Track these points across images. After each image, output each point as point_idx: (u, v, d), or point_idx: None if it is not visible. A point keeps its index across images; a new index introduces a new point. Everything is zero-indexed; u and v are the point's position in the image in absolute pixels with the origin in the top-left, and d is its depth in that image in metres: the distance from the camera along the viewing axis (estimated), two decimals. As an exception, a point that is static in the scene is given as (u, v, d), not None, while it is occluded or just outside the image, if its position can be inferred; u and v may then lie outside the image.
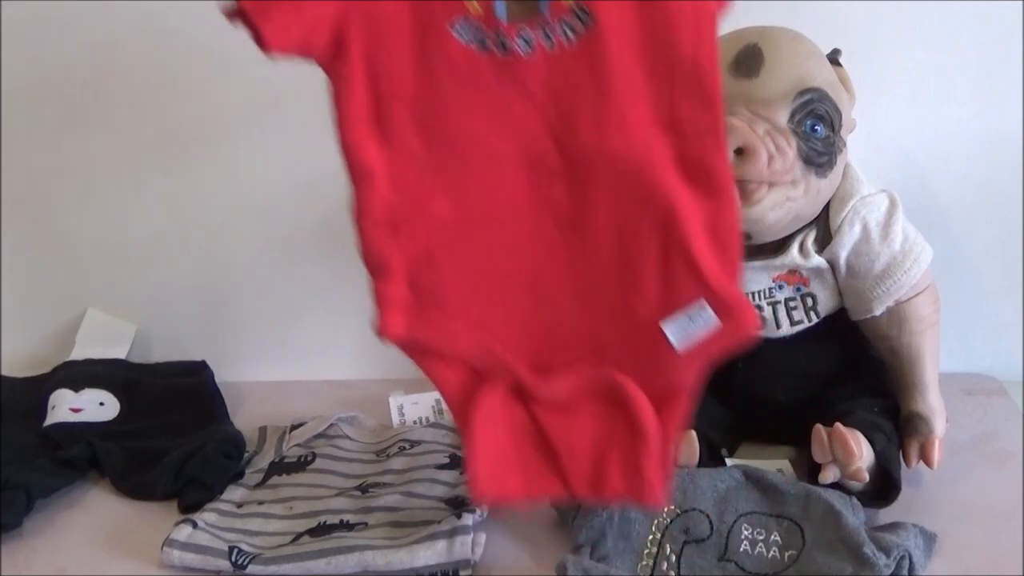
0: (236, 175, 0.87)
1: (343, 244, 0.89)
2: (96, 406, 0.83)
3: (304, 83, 0.83)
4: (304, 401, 0.87)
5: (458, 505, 0.67)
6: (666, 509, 0.64)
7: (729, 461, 0.70)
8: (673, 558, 0.61)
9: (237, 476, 0.74)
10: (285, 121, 0.84)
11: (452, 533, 0.63)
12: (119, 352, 0.90)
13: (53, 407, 0.82)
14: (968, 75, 0.78)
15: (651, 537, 0.63)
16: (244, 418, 0.84)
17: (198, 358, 0.88)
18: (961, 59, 0.77)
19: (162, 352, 0.92)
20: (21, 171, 0.87)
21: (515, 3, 0.52)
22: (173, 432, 0.79)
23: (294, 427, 0.80)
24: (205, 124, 0.85)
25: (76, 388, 0.83)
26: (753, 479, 0.66)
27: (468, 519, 0.64)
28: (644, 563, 0.61)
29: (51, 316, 0.93)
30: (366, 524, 0.67)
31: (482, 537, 0.64)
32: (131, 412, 0.83)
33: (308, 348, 0.93)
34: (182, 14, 0.80)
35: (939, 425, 0.68)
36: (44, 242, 0.90)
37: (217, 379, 0.87)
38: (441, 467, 0.73)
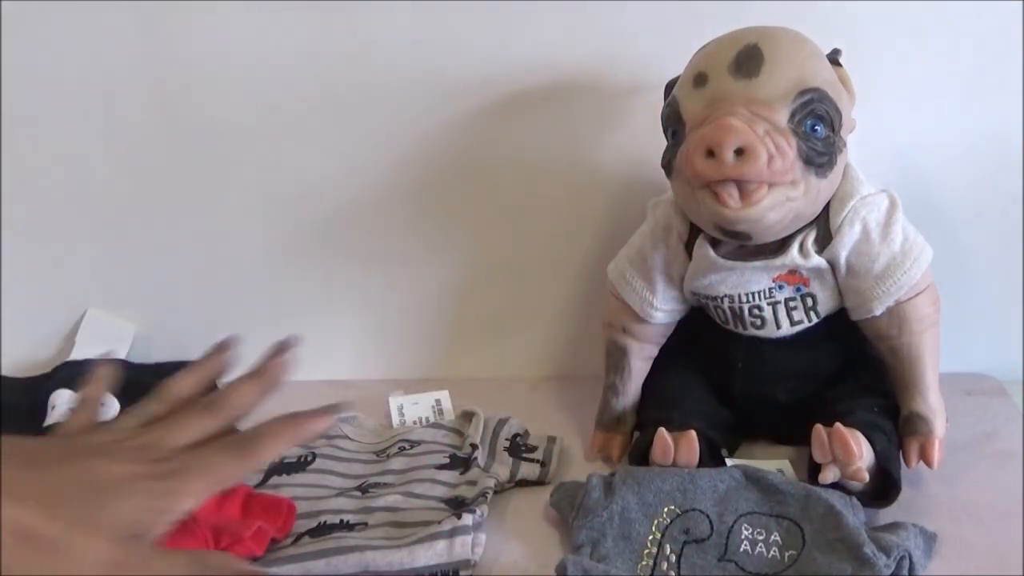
0: (236, 175, 0.87)
1: (343, 244, 0.90)
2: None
3: (304, 84, 0.84)
4: (304, 401, 0.87)
5: (458, 505, 0.68)
6: (667, 509, 0.64)
7: (729, 461, 0.70)
8: (673, 558, 0.61)
9: (237, 476, 0.73)
10: (285, 122, 0.84)
11: (452, 533, 0.63)
12: (119, 352, 0.90)
13: (53, 407, 0.82)
14: (968, 75, 0.78)
15: (651, 537, 0.63)
16: (244, 418, 0.84)
17: (198, 358, 0.87)
18: (961, 59, 0.77)
19: (162, 352, 0.92)
20: (22, 171, 0.87)
21: None
22: (173, 432, 0.79)
23: (294, 427, 0.80)
24: (205, 124, 0.85)
25: (76, 388, 0.83)
26: (753, 479, 0.66)
27: (468, 519, 0.64)
28: (644, 563, 0.61)
29: (51, 316, 0.93)
30: (366, 524, 0.67)
31: (482, 537, 0.64)
32: (131, 412, 0.83)
33: (308, 348, 0.93)
34: (183, 14, 0.80)
35: (939, 425, 0.67)
36: (44, 242, 0.90)
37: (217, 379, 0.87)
38: (441, 467, 0.73)
